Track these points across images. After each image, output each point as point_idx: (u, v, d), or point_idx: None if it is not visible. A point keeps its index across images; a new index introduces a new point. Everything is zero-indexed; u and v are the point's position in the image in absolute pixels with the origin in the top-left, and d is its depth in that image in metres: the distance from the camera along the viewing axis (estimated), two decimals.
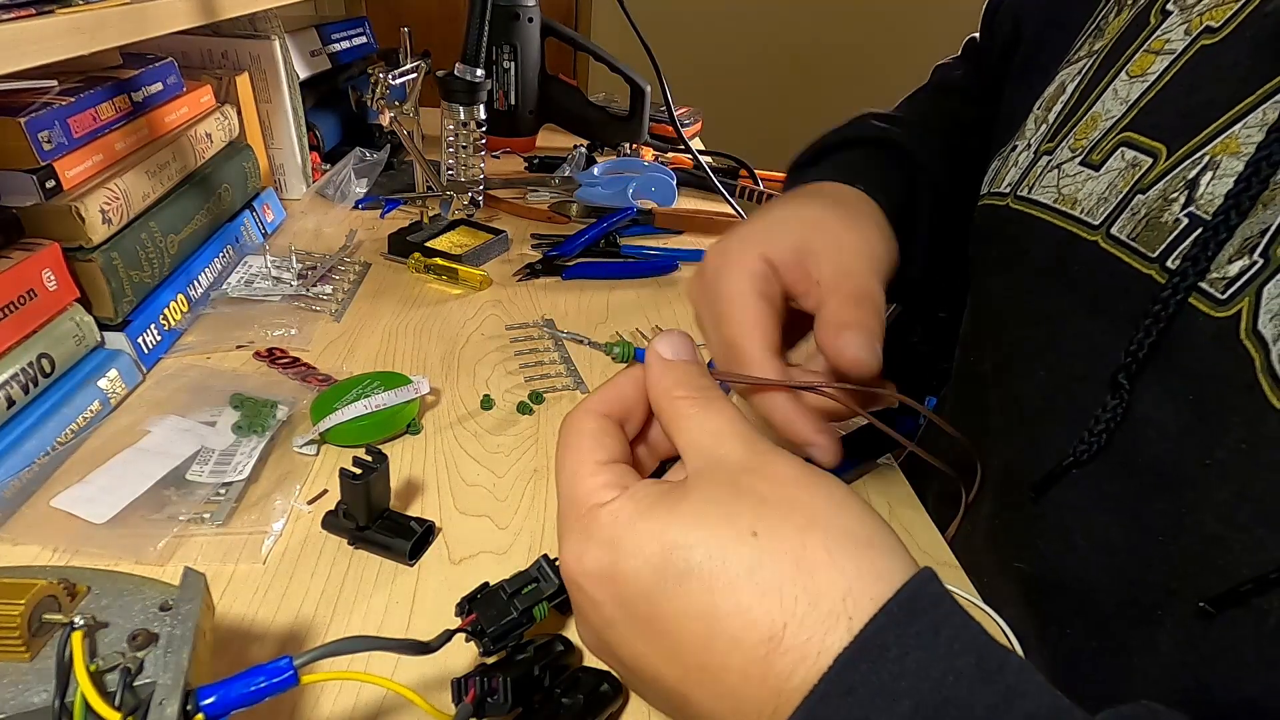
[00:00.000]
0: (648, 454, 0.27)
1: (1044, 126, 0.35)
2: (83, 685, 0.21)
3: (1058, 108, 0.35)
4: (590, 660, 0.32)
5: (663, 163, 0.91)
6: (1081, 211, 0.30)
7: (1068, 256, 0.31)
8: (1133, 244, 0.28)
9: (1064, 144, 0.33)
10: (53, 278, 0.43)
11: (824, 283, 0.30)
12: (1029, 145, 0.36)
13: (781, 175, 0.95)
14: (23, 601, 0.22)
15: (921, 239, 0.41)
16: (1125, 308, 0.28)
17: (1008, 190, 0.36)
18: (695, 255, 0.72)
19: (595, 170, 0.85)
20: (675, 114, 0.88)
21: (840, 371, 0.29)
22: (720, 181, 0.80)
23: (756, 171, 0.93)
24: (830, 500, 0.21)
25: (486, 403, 0.48)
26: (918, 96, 0.54)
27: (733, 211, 0.80)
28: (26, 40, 0.36)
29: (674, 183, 0.83)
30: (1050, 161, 0.33)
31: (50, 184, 0.44)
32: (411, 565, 0.36)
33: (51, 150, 0.44)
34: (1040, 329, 0.33)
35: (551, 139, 1.01)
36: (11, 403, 0.39)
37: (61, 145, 0.45)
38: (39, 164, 0.43)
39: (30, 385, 0.41)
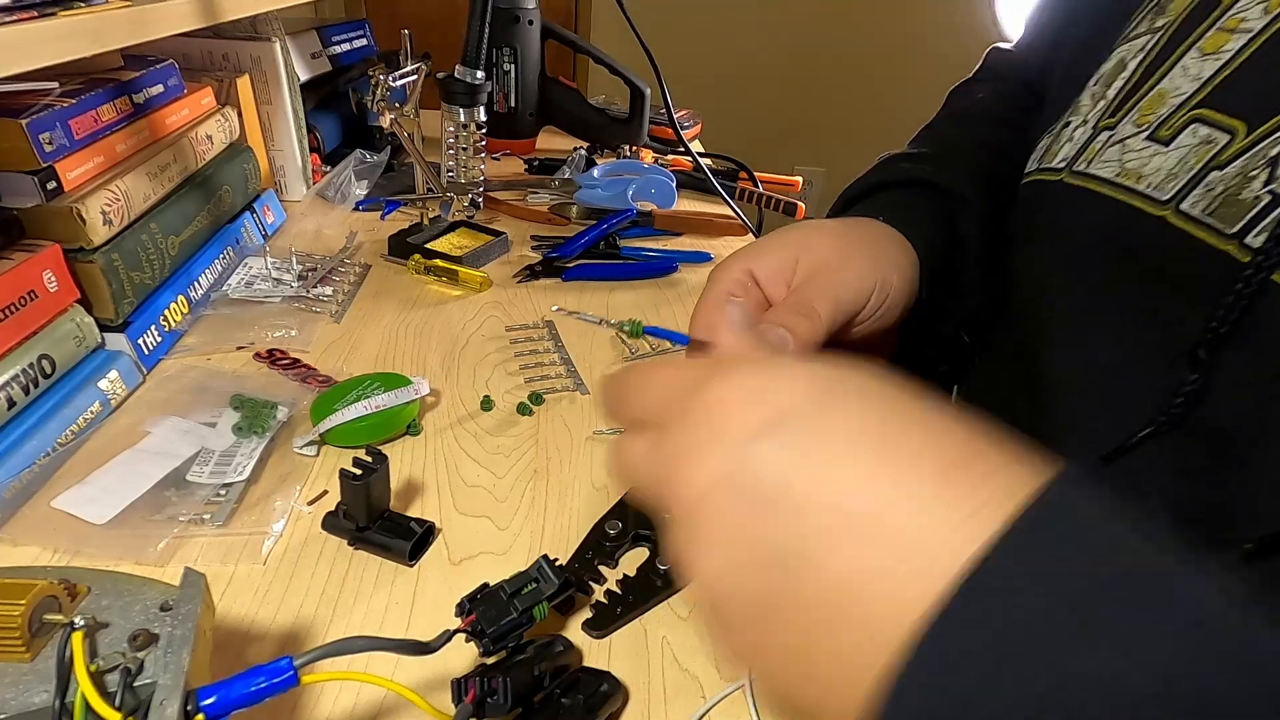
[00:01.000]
0: None
1: (1102, 103, 0.35)
2: (83, 685, 0.21)
3: (1118, 83, 0.34)
4: (592, 661, 0.32)
5: (662, 165, 0.91)
6: (1148, 186, 0.30)
7: (1129, 230, 0.31)
8: (1207, 220, 0.28)
9: (1127, 119, 0.33)
10: (53, 279, 0.43)
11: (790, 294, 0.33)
12: (1085, 121, 0.36)
13: (780, 177, 0.95)
14: (23, 602, 0.23)
15: (972, 272, 0.42)
16: (1196, 282, 0.28)
17: (1062, 165, 0.36)
18: (694, 257, 0.72)
19: (595, 172, 0.85)
20: (675, 116, 0.89)
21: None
22: (719, 184, 0.81)
23: (756, 174, 0.93)
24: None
25: (487, 404, 0.48)
26: (937, 126, 0.54)
27: (732, 213, 0.80)
28: (29, 42, 0.36)
29: (673, 185, 0.84)
30: (1111, 136, 0.33)
31: (51, 185, 0.44)
32: (411, 566, 0.36)
33: (53, 151, 0.44)
34: (1097, 301, 0.33)
35: (551, 141, 1.01)
36: (12, 403, 0.40)
37: (63, 147, 0.45)
38: (40, 165, 0.43)
39: (31, 386, 0.41)
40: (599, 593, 0.35)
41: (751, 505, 0.20)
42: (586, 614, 0.34)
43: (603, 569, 0.36)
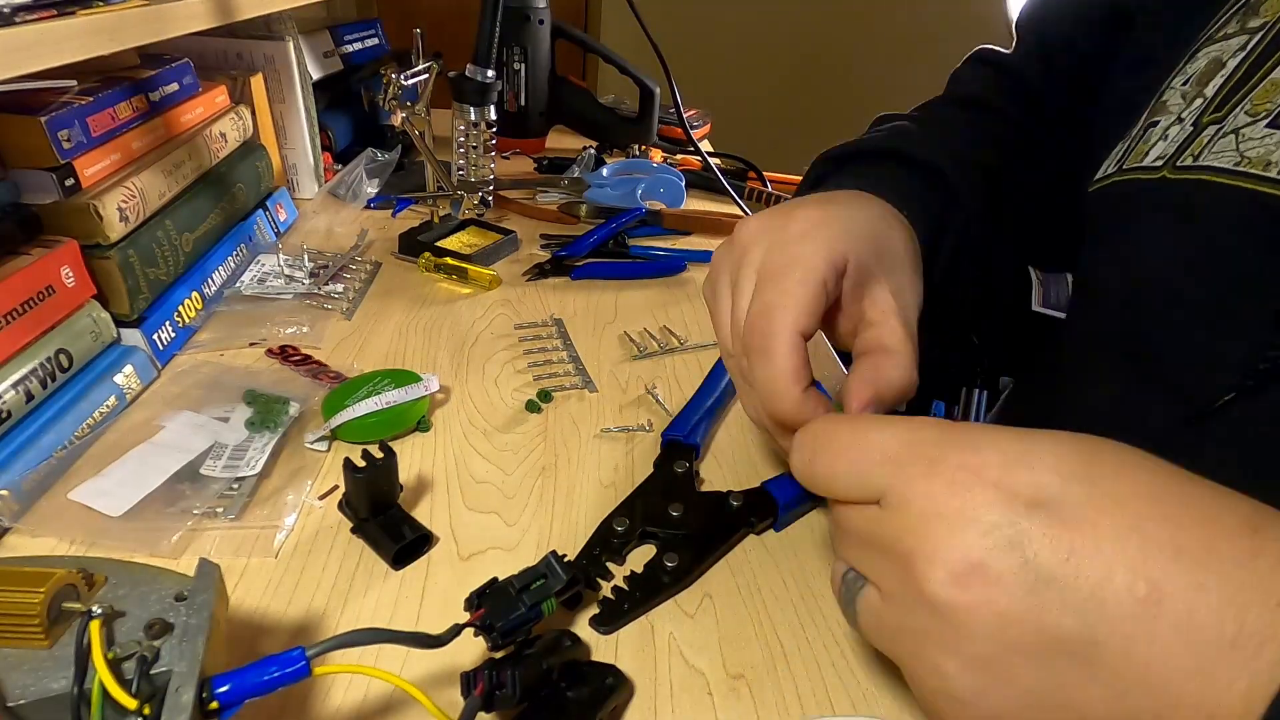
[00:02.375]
0: None
1: (1199, 100, 0.35)
2: (101, 672, 0.22)
3: (1217, 81, 0.34)
4: (599, 655, 0.32)
5: (671, 164, 0.91)
6: (1278, 171, 0.30)
7: (1258, 215, 0.30)
8: None
9: (1239, 111, 0.33)
10: (71, 275, 0.44)
11: (877, 319, 0.32)
12: (1179, 120, 0.36)
13: (790, 177, 0.95)
14: (43, 590, 0.23)
15: (942, 261, 0.42)
16: None
17: (1159, 163, 0.35)
18: (703, 256, 0.72)
19: (604, 171, 0.86)
20: (684, 116, 0.89)
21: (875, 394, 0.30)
22: (728, 183, 0.81)
23: (765, 173, 0.93)
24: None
25: (533, 406, 0.49)
26: (934, 106, 0.54)
27: (741, 213, 0.80)
28: (48, 40, 0.37)
29: (683, 184, 0.84)
30: (1221, 129, 0.33)
31: (69, 182, 0.45)
32: (396, 571, 0.36)
33: (71, 149, 0.45)
34: (1236, 288, 0.32)
35: (561, 140, 1.01)
36: (30, 397, 0.40)
37: (80, 144, 0.46)
38: (59, 162, 0.44)
39: (48, 380, 0.41)
40: (606, 589, 0.35)
41: (1029, 586, 0.17)
42: (594, 610, 0.34)
43: (610, 565, 0.37)
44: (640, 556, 0.37)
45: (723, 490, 0.41)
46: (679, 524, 0.38)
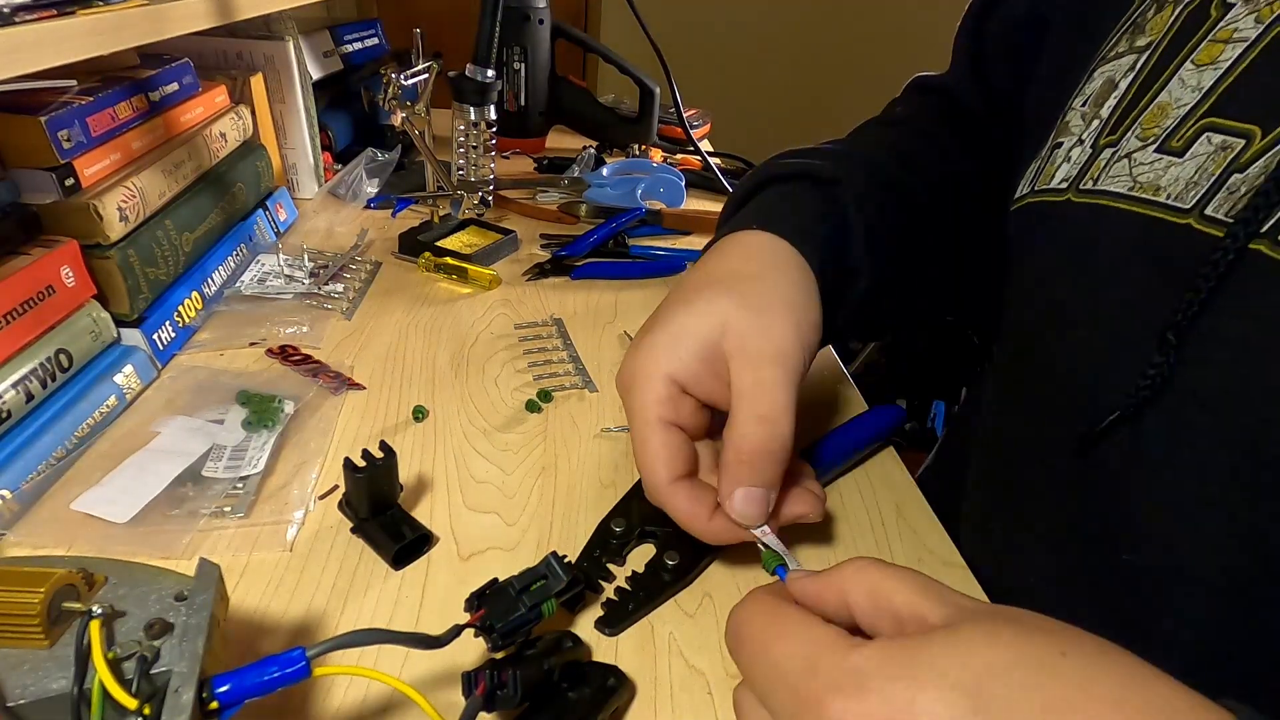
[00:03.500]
0: None
1: (1096, 122, 0.35)
2: (101, 672, 0.22)
3: (1111, 102, 0.35)
4: (599, 655, 0.32)
5: (671, 164, 0.91)
6: (1168, 196, 0.31)
7: (1153, 240, 0.31)
8: (1230, 221, 0.28)
9: (1130, 135, 0.33)
10: (71, 274, 0.44)
11: (735, 392, 0.32)
12: (1080, 141, 0.36)
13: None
14: (42, 590, 0.23)
15: (857, 258, 0.41)
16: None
17: (1064, 185, 0.36)
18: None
19: (604, 171, 0.86)
20: (684, 115, 0.89)
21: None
22: (729, 183, 0.81)
23: None
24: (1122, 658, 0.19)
25: (533, 406, 0.49)
26: (862, 127, 0.55)
27: None
28: (48, 40, 0.37)
29: (682, 184, 0.84)
30: (1116, 153, 0.33)
31: (69, 182, 0.45)
32: (396, 571, 0.36)
33: (71, 149, 0.45)
34: (1128, 311, 0.33)
35: (561, 140, 1.01)
36: (30, 397, 0.40)
37: (80, 144, 0.46)
38: (59, 162, 0.44)
39: (48, 380, 0.41)
40: (609, 590, 0.35)
41: None
42: (597, 612, 0.34)
43: (611, 567, 0.37)
44: (640, 556, 0.37)
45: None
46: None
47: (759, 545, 0.32)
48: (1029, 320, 0.39)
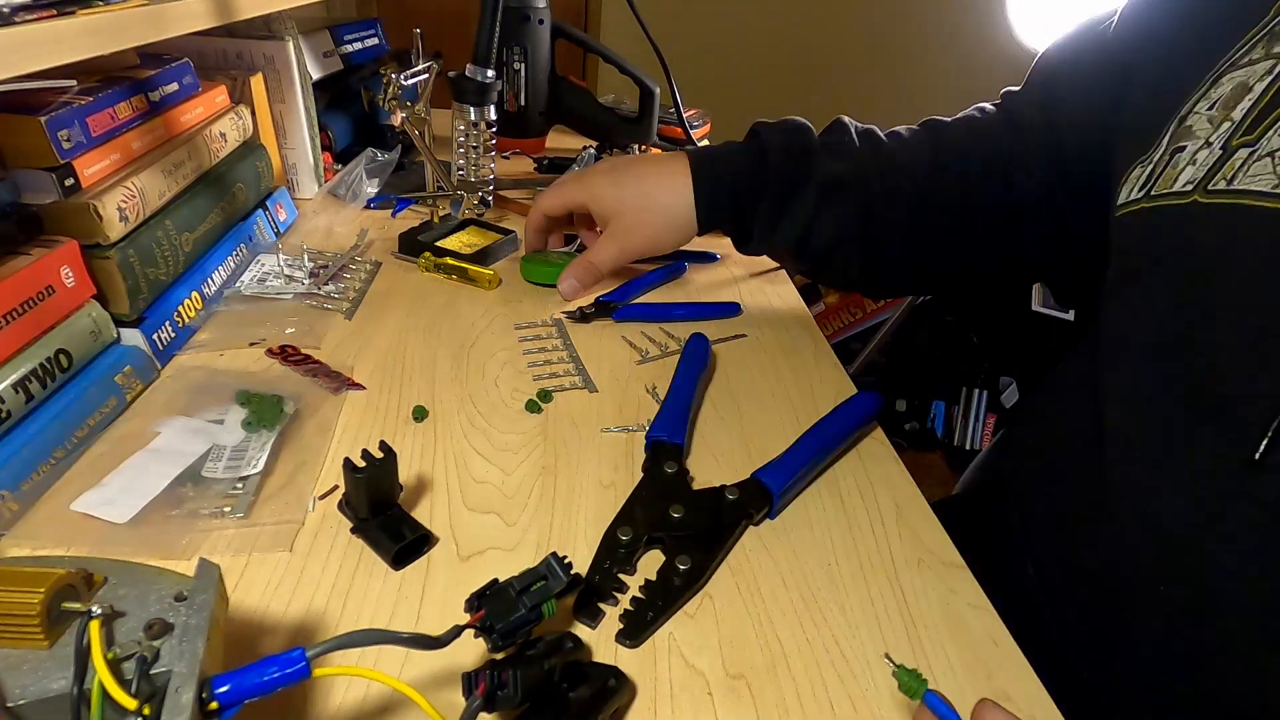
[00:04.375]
0: None
1: (1227, 124, 0.35)
2: (100, 673, 0.22)
3: (1244, 105, 0.34)
4: (600, 656, 0.32)
5: None
6: None
7: None
8: None
9: (1272, 133, 0.33)
10: (70, 274, 0.44)
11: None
12: (1207, 144, 0.36)
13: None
14: (42, 590, 0.23)
15: (768, 219, 0.57)
16: None
17: (1189, 188, 0.35)
18: (701, 257, 0.72)
19: None
20: (684, 116, 0.89)
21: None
22: None
23: None
24: None
25: (533, 406, 0.49)
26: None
27: None
28: (48, 40, 0.37)
29: None
30: (1255, 151, 0.33)
31: (69, 182, 0.45)
32: (396, 571, 0.36)
33: (71, 149, 0.45)
34: (1259, 316, 0.32)
35: (561, 140, 1.01)
36: (30, 397, 0.40)
37: (80, 144, 0.46)
38: (58, 162, 0.44)
39: (48, 380, 0.41)
40: (625, 601, 0.35)
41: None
42: (615, 625, 0.34)
43: (623, 577, 0.36)
44: (649, 562, 0.37)
45: (716, 485, 0.41)
46: (681, 525, 0.38)
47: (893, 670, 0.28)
48: (1170, 323, 0.37)
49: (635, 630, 0.33)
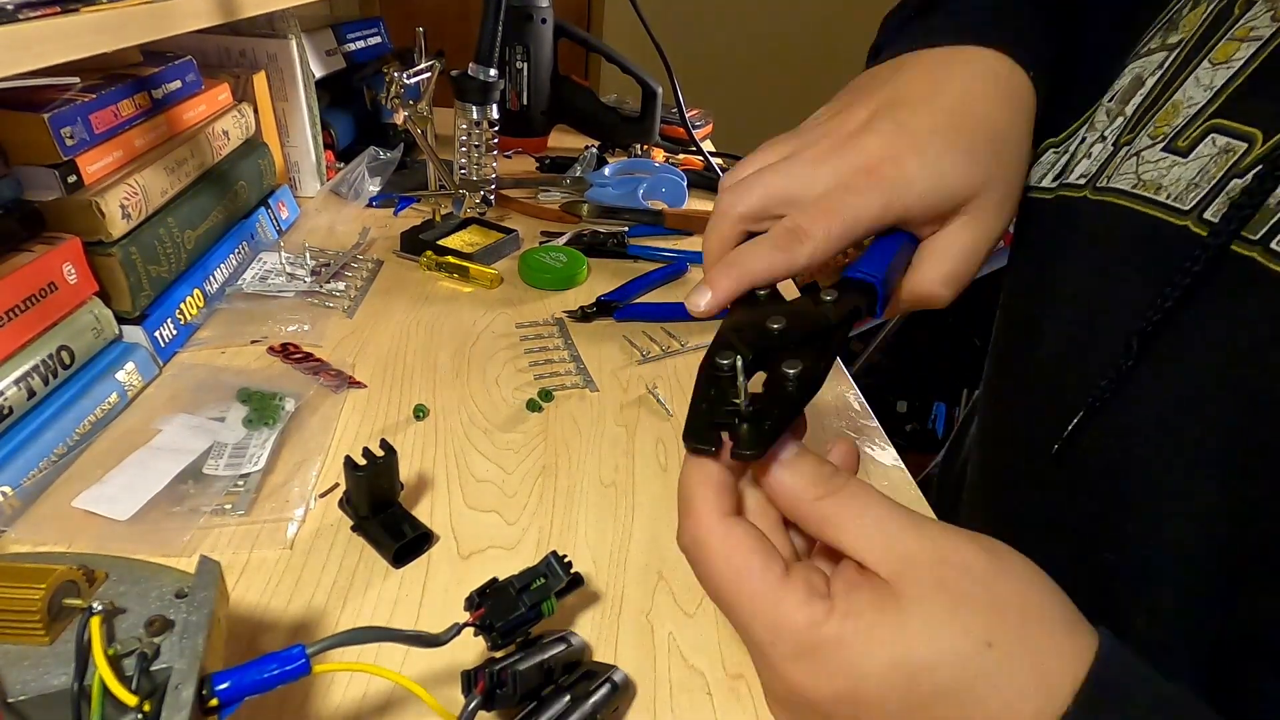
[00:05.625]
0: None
1: (1120, 119, 0.35)
2: (101, 669, 0.22)
3: (1136, 100, 0.34)
4: (599, 655, 0.32)
5: (673, 164, 0.91)
6: (1168, 197, 0.30)
7: (1154, 240, 0.30)
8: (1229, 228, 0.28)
9: (1143, 132, 0.33)
10: (73, 271, 0.44)
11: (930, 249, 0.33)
12: (1102, 137, 0.36)
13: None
14: (43, 586, 0.23)
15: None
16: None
17: (1083, 182, 0.35)
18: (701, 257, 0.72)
19: (606, 171, 0.86)
20: (686, 115, 0.89)
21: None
22: None
23: None
24: (1029, 584, 0.23)
25: (534, 405, 0.49)
26: None
27: None
28: (52, 37, 0.37)
29: (684, 184, 0.84)
30: (1129, 150, 0.33)
31: (72, 179, 0.45)
32: (396, 569, 0.36)
33: (74, 146, 0.45)
34: (1104, 313, 0.33)
35: (563, 139, 1.01)
36: (32, 394, 0.40)
37: (83, 141, 0.46)
38: (61, 159, 0.44)
39: (50, 377, 0.41)
40: (741, 429, 0.27)
41: None
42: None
43: (735, 401, 0.28)
44: (756, 384, 0.29)
45: (807, 289, 0.33)
46: (785, 335, 0.30)
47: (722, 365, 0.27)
48: (1021, 312, 0.39)
49: (757, 440, 0.27)
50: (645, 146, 0.95)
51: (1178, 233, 0.29)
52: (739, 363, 0.29)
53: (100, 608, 0.23)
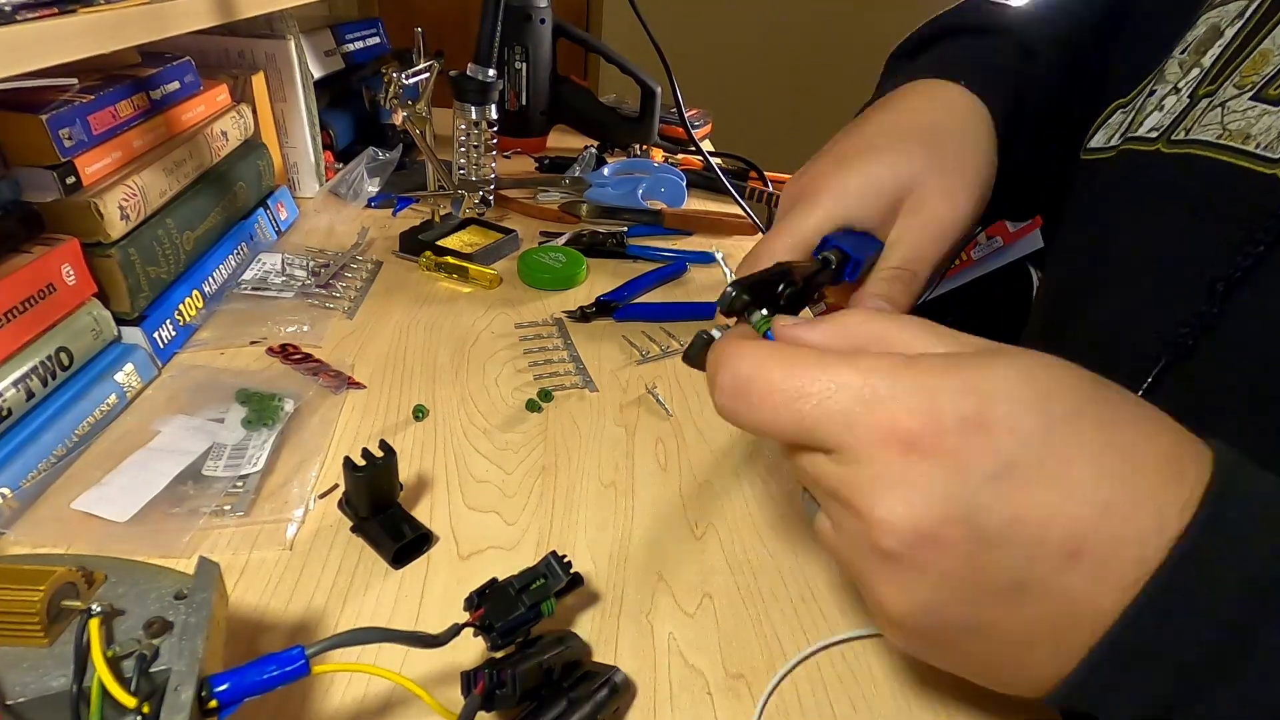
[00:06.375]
0: None
1: (1196, 70, 0.34)
2: (100, 671, 0.22)
3: (1214, 51, 0.34)
4: (599, 656, 0.32)
5: (672, 164, 0.91)
6: (1256, 146, 0.29)
7: (1237, 191, 0.30)
8: None
9: (1227, 83, 0.32)
10: (71, 272, 0.44)
11: (896, 239, 0.34)
12: (1176, 90, 0.35)
13: (790, 177, 0.95)
14: (42, 588, 0.23)
15: (1026, 133, 0.40)
16: None
17: (1155, 135, 0.35)
18: (704, 257, 0.72)
19: (605, 171, 0.85)
20: (686, 115, 0.89)
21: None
22: (730, 183, 0.80)
23: (766, 173, 0.93)
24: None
25: (533, 405, 0.49)
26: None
27: (742, 213, 0.80)
28: (49, 39, 0.37)
29: (683, 184, 0.84)
30: (1211, 101, 0.32)
31: (70, 180, 0.45)
32: (396, 570, 0.36)
33: (72, 147, 0.45)
34: (1181, 268, 0.32)
35: (562, 140, 1.01)
36: (31, 395, 0.40)
37: (82, 142, 0.46)
38: (60, 160, 0.44)
39: (49, 378, 0.41)
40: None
41: (974, 551, 0.20)
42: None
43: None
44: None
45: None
46: (771, 280, 0.31)
47: (728, 290, 0.28)
48: (1076, 278, 0.38)
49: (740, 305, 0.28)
50: (644, 146, 0.95)
51: (1265, 181, 0.28)
52: (734, 291, 0.30)
53: (99, 609, 0.23)
